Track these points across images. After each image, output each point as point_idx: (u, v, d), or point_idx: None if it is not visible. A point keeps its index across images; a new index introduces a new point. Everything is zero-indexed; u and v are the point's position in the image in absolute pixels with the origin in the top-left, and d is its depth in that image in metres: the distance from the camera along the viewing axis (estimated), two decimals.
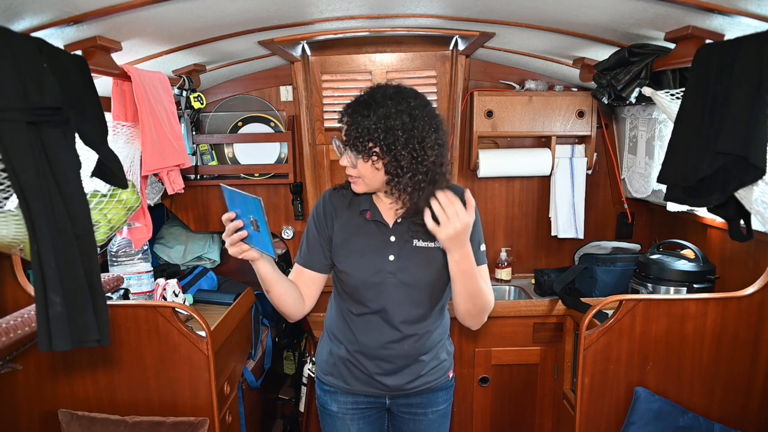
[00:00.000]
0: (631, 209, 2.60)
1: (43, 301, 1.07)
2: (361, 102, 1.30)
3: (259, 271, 1.33)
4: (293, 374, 2.82)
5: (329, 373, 1.55)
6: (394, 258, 1.41)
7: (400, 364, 1.47)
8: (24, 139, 1.02)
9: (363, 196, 1.44)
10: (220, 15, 1.52)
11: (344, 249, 1.44)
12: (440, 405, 1.58)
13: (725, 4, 1.17)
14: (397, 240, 1.41)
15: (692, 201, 1.37)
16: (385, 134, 1.26)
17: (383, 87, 1.33)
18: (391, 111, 1.26)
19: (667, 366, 1.75)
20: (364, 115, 1.27)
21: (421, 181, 1.29)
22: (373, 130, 1.26)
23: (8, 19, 1.08)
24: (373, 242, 1.42)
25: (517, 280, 2.70)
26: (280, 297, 1.39)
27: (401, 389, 1.50)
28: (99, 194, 1.59)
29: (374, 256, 1.41)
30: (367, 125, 1.26)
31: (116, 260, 2.07)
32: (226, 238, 1.27)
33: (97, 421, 1.66)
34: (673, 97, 1.53)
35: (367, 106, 1.28)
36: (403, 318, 1.43)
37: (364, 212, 1.44)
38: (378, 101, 1.28)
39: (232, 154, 2.51)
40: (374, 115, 1.26)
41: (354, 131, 1.28)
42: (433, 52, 2.45)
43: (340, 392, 1.54)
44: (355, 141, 1.28)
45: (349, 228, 1.45)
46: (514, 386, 2.45)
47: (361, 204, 1.44)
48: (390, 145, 1.26)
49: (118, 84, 1.59)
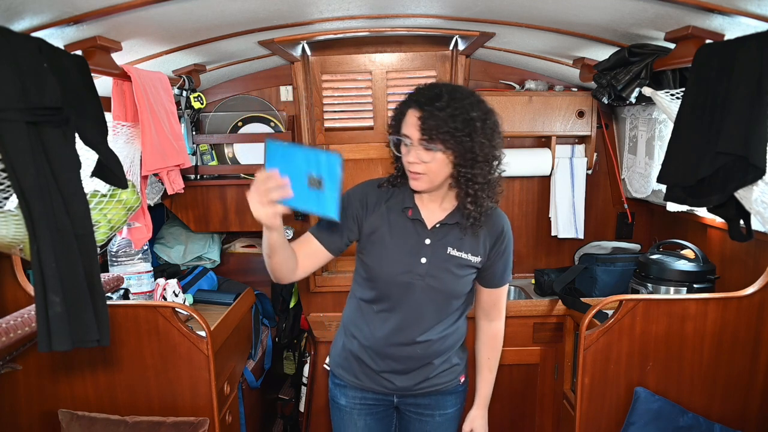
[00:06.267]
0: (631, 209, 2.60)
1: (43, 301, 1.07)
2: (430, 95, 1.27)
3: (272, 236, 1.22)
4: (293, 374, 2.82)
5: (340, 365, 1.56)
6: (426, 261, 1.39)
7: (411, 365, 1.47)
8: (24, 139, 1.02)
9: (407, 194, 1.41)
10: (220, 15, 1.52)
11: (376, 242, 1.42)
12: (449, 408, 1.57)
13: (725, 4, 1.17)
14: (432, 244, 1.40)
15: (692, 201, 1.37)
16: (464, 124, 1.24)
17: (440, 84, 1.32)
18: (466, 102, 1.25)
19: (667, 366, 1.75)
20: (439, 107, 1.24)
21: (489, 173, 1.32)
22: (452, 120, 1.23)
23: (8, 19, 1.08)
24: (409, 242, 1.40)
25: (517, 280, 2.69)
26: (279, 264, 1.32)
27: (410, 390, 1.50)
28: (99, 194, 1.59)
29: (407, 255, 1.40)
30: (446, 115, 1.23)
31: (116, 260, 2.07)
32: (261, 195, 1.12)
33: (97, 421, 1.66)
34: (673, 97, 1.53)
35: (438, 97, 1.25)
36: (421, 321, 1.43)
37: (406, 210, 1.41)
38: (450, 92, 1.26)
39: (232, 154, 2.51)
40: (451, 106, 1.24)
41: (431, 122, 1.24)
42: (433, 52, 2.45)
43: (350, 387, 1.55)
44: (434, 132, 1.24)
45: (386, 222, 1.42)
46: (514, 386, 2.45)
47: (405, 201, 1.41)
48: (470, 134, 1.25)
49: (118, 84, 1.59)
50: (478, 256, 1.42)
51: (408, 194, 1.41)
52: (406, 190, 1.41)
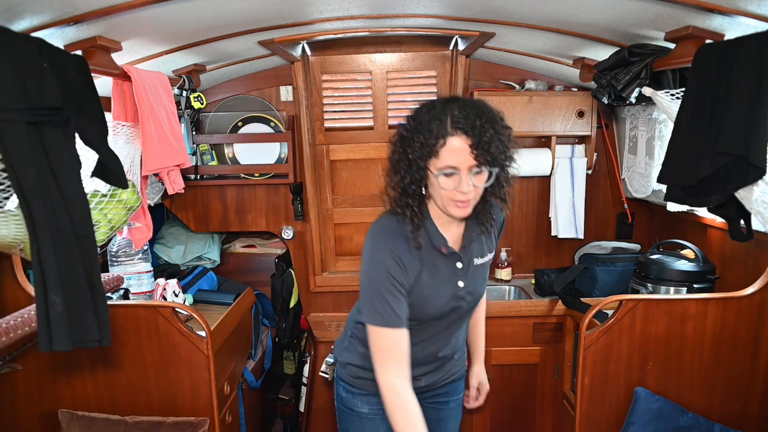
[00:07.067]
0: (631, 209, 2.60)
1: (43, 301, 1.07)
2: (472, 115, 1.19)
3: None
4: (293, 374, 2.82)
5: (360, 377, 1.52)
6: (463, 284, 1.40)
7: (438, 365, 1.51)
8: (24, 139, 1.02)
9: (430, 230, 1.34)
10: (220, 15, 1.52)
11: (418, 287, 1.35)
12: (459, 393, 1.64)
13: (725, 4, 1.17)
14: (464, 266, 1.40)
15: (692, 201, 1.37)
16: (507, 138, 1.23)
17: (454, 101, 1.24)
18: (494, 115, 1.22)
19: (667, 366, 1.75)
20: (484, 128, 1.19)
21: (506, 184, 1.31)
22: (498, 137, 1.20)
23: (8, 19, 1.08)
24: (446, 274, 1.38)
25: (517, 280, 2.69)
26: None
27: (434, 384, 1.54)
28: (99, 194, 1.58)
29: (447, 287, 1.38)
30: (492, 134, 1.19)
31: (116, 260, 2.07)
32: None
33: (97, 421, 1.66)
34: (673, 97, 1.53)
35: (478, 116, 1.19)
36: (458, 336, 1.50)
37: (439, 248, 1.36)
38: (481, 109, 1.21)
39: (232, 154, 2.51)
40: (493, 127, 1.19)
41: (484, 145, 1.18)
42: (433, 52, 2.45)
43: (372, 394, 1.51)
44: (487, 155, 1.19)
45: (424, 267, 1.35)
46: (514, 386, 2.45)
47: (434, 239, 1.34)
48: (509, 146, 1.24)
49: (118, 84, 1.59)
50: (493, 249, 1.48)
51: (432, 230, 1.35)
52: (426, 224, 1.34)
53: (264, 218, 2.61)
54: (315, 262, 2.61)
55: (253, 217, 2.61)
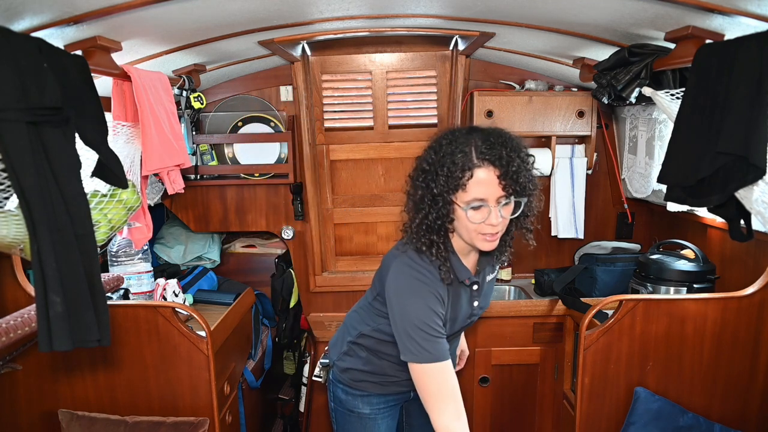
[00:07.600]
0: (631, 209, 2.60)
1: (43, 301, 1.07)
2: (497, 145, 1.18)
3: None
4: (293, 374, 2.82)
5: (362, 380, 1.54)
6: (478, 302, 1.46)
7: None
8: (24, 139, 1.02)
9: (454, 264, 1.33)
10: (220, 15, 1.52)
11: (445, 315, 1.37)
12: None
13: (725, 4, 1.17)
14: (479, 287, 1.44)
15: (692, 201, 1.37)
16: (531, 166, 1.23)
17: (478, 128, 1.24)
18: (518, 143, 1.23)
19: (667, 366, 1.75)
20: (511, 158, 1.18)
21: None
22: (524, 167, 1.19)
23: (8, 19, 1.08)
24: (465, 298, 1.43)
25: (517, 280, 2.70)
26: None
27: None
28: (99, 194, 1.58)
29: (466, 308, 1.44)
30: (519, 164, 1.18)
31: (116, 260, 2.07)
32: None
33: (97, 421, 1.66)
34: (673, 97, 1.53)
35: (503, 145, 1.18)
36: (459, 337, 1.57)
37: (463, 280, 1.36)
38: (505, 138, 1.20)
39: (232, 154, 2.51)
40: (519, 156, 1.18)
41: (512, 176, 1.17)
42: (433, 52, 2.45)
43: (374, 395, 1.55)
44: (516, 186, 1.18)
45: (450, 297, 1.37)
46: (514, 386, 2.45)
47: (460, 273, 1.34)
48: (535, 179, 1.24)
49: (118, 84, 1.59)
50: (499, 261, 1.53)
51: (457, 264, 1.34)
52: (452, 259, 1.33)
53: (264, 218, 2.61)
54: (315, 262, 2.61)
55: (253, 217, 2.61)
